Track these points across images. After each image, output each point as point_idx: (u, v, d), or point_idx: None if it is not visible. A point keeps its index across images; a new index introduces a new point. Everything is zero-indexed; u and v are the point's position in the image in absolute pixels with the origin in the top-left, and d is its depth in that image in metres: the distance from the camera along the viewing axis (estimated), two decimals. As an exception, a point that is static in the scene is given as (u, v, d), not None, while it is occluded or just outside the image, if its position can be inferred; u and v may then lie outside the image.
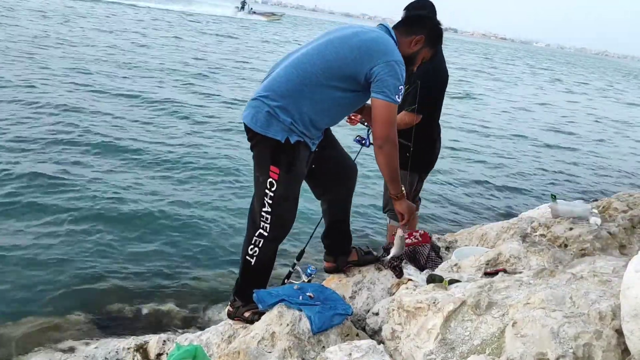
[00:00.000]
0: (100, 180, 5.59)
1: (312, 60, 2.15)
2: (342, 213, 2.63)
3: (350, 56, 2.12)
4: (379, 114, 2.13)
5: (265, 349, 2.06)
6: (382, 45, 2.13)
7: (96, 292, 3.69)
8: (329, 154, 2.44)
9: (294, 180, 2.25)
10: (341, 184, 2.54)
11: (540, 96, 21.73)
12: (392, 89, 2.08)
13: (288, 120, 2.13)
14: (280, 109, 2.13)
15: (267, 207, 2.25)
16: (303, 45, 2.29)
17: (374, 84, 2.10)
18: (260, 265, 2.37)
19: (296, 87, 2.14)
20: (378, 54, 2.10)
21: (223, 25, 38.15)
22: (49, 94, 8.84)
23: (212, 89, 12.19)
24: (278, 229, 2.33)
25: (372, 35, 2.17)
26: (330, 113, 2.23)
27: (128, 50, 16.07)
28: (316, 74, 2.13)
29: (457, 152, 9.39)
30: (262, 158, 2.22)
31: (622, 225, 3.04)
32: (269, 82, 2.20)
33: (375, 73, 2.08)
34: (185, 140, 7.67)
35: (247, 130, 2.23)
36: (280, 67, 2.23)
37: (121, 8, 38.50)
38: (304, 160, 2.24)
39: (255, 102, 2.18)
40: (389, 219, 3.38)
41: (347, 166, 2.54)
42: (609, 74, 58.75)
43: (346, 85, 2.16)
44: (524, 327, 1.66)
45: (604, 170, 9.97)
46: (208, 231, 4.86)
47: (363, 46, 2.12)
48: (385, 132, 2.14)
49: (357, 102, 2.30)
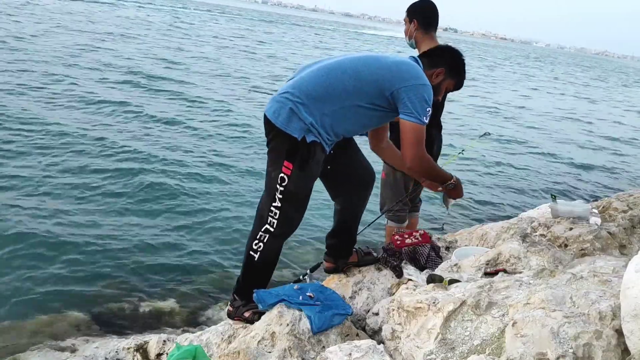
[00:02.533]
0: (100, 180, 5.59)
1: (343, 69, 2.21)
2: (351, 218, 2.64)
3: (382, 72, 2.19)
4: (407, 135, 2.19)
5: (265, 349, 2.06)
6: (414, 69, 2.23)
7: (96, 292, 3.70)
8: (346, 159, 2.47)
9: (305, 178, 2.26)
10: (354, 191, 2.55)
11: (541, 95, 21.75)
12: (421, 111, 2.16)
13: (309, 119, 2.15)
14: (303, 107, 2.16)
15: (277, 202, 2.26)
16: (336, 56, 2.36)
17: (403, 106, 2.17)
18: (263, 261, 2.37)
19: (323, 90, 2.18)
20: (409, 75, 2.18)
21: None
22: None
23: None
24: (285, 226, 2.34)
25: (405, 60, 2.28)
26: (351, 123, 2.26)
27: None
28: (345, 83, 2.18)
29: (455, 152, 9.37)
30: (277, 153, 2.23)
31: (622, 225, 3.04)
32: (296, 81, 2.23)
33: (404, 94, 2.15)
34: (185, 141, 7.67)
35: (266, 123, 2.25)
36: (310, 69, 2.27)
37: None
38: (318, 161, 2.25)
39: (281, 97, 2.21)
40: (386, 220, 3.38)
41: (363, 174, 2.54)
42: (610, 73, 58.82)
43: (372, 99, 2.20)
44: (524, 327, 1.66)
45: (604, 170, 9.97)
46: (208, 231, 4.86)
47: (395, 66, 2.21)
48: (414, 153, 2.22)
49: (379, 119, 2.34)
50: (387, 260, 2.81)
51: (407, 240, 2.89)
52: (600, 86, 34.78)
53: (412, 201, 3.43)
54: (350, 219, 2.64)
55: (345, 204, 2.60)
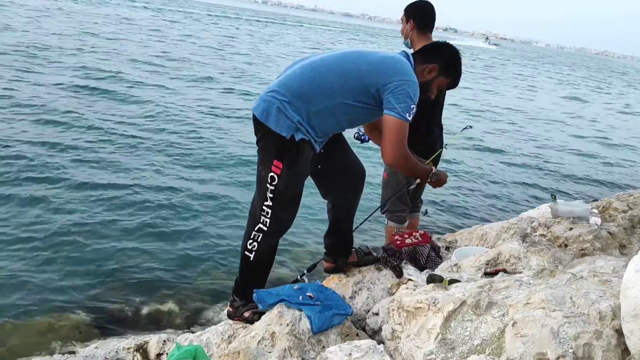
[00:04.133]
0: (99, 181, 5.59)
1: (328, 66, 2.20)
2: (344, 216, 2.63)
3: (367, 68, 2.17)
4: (389, 132, 2.16)
5: (265, 349, 2.06)
6: (399, 64, 2.19)
7: (96, 292, 3.70)
8: (336, 157, 2.46)
9: (295, 176, 2.26)
10: (345, 188, 2.54)
11: (541, 95, 21.75)
12: (404, 107, 2.12)
13: (296, 117, 2.14)
14: (290, 105, 2.15)
15: (269, 202, 2.25)
16: (323, 52, 2.35)
17: (386, 101, 2.14)
18: (258, 261, 2.37)
19: (309, 87, 2.16)
20: (394, 72, 2.15)
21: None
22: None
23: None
24: (278, 224, 2.33)
25: (392, 55, 2.25)
26: (338, 121, 2.25)
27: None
28: (330, 81, 2.16)
29: (456, 152, 9.39)
30: (267, 152, 2.23)
31: (622, 225, 3.04)
32: (283, 79, 2.22)
33: (389, 89, 2.12)
34: (184, 141, 7.67)
35: (255, 122, 2.24)
36: (296, 66, 2.25)
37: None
38: (307, 159, 2.24)
39: (267, 96, 2.20)
40: (387, 220, 3.38)
41: (354, 171, 2.54)
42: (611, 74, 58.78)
43: (358, 96, 2.18)
44: (524, 327, 1.66)
45: (604, 170, 9.97)
46: (208, 231, 4.86)
47: (381, 62, 2.19)
48: (396, 151, 2.19)
49: (366, 116, 2.32)
50: (387, 260, 2.81)
51: (407, 240, 2.89)
52: (600, 87, 34.78)
53: (412, 201, 3.42)
54: (344, 216, 2.63)
55: (337, 202, 2.59)
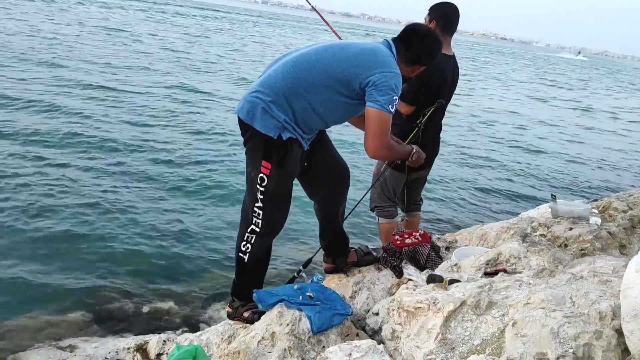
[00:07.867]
0: (98, 181, 5.59)
1: (309, 61, 2.17)
2: (332, 214, 2.62)
3: (348, 62, 2.14)
4: (371, 123, 2.15)
5: (265, 349, 2.06)
6: (381, 56, 2.17)
7: (96, 291, 3.69)
8: (319, 155, 2.44)
9: (285, 176, 2.25)
10: (330, 186, 2.53)
11: (541, 94, 21.76)
12: (387, 99, 2.11)
13: (282, 116, 2.13)
14: (274, 105, 2.14)
15: (259, 203, 2.25)
16: (303, 47, 2.31)
17: (369, 93, 2.12)
18: (253, 262, 2.37)
19: (292, 85, 2.14)
20: (376, 64, 2.13)
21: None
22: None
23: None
24: (270, 225, 2.33)
25: (372, 46, 2.22)
26: (322, 116, 2.23)
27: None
28: (312, 75, 2.14)
29: (457, 152, 9.39)
30: (255, 153, 2.22)
31: (622, 225, 3.04)
32: (265, 79, 2.20)
33: (371, 82, 2.11)
34: (184, 141, 7.67)
35: (241, 124, 2.23)
36: (277, 65, 2.23)
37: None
38: (296, 157, 2.24)
39: (251, 96, 2.18)
40: (377, 217, 3.37)
41: (338, 169, 2.52)
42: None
43: (341, 90, 2.16)
44: (524, 327, 1.66)
45: (604, 170, 9.97)
46: (208, 231, 4.86)
47: (362, 55, 2.16)
48: (378, 144, 2.18)
49: (350, 110, 2.29)
50: (387, 260, 2.81)
51: (407, 240, 2.89)
52: (600, 87, 34.79)
53: (412, 201, 3.42)
54: (331, 215, 2.62)
55: (323, 201, 2.58)
